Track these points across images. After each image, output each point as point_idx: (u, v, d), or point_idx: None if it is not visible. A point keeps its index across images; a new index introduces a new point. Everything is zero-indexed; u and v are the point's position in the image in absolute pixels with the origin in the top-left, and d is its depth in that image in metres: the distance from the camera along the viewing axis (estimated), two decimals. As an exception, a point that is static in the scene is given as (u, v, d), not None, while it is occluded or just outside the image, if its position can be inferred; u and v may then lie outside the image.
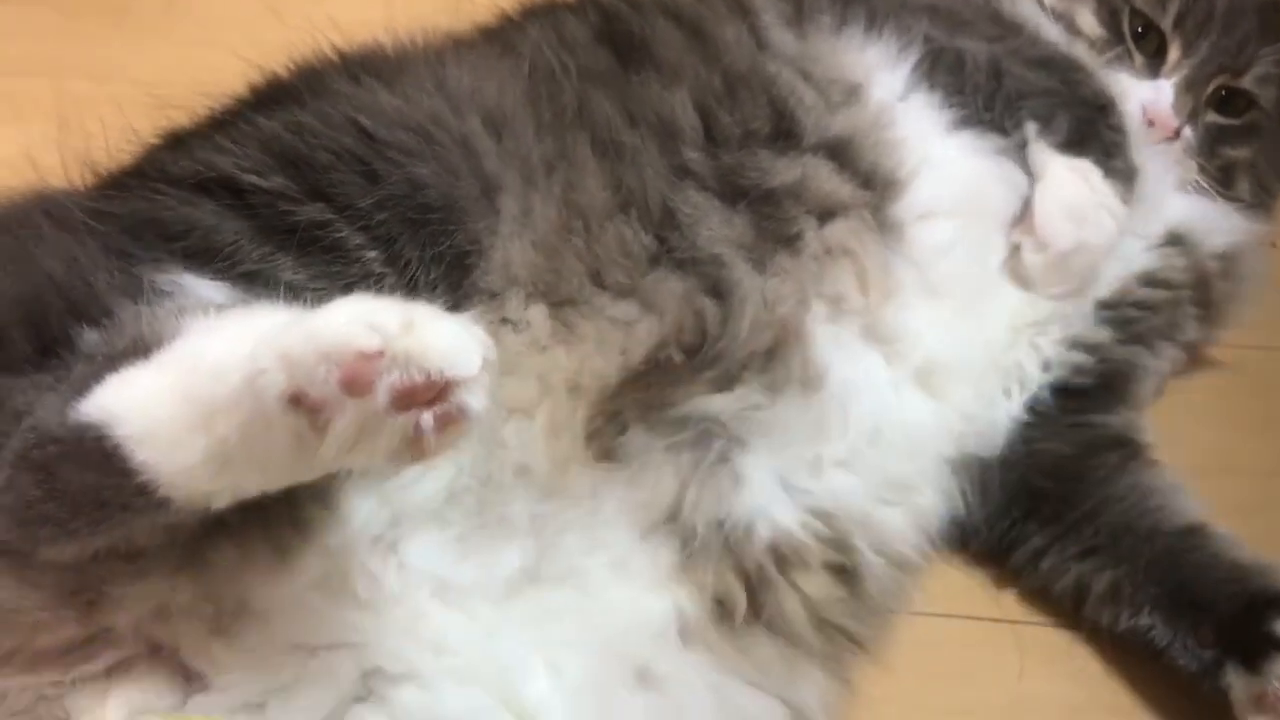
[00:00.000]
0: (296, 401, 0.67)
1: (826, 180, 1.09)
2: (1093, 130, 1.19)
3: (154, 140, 1.03)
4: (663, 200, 1.03)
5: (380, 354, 0.65)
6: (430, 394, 0.66)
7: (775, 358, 1.03)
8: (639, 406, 0.98)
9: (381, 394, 0.65)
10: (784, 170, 1.08)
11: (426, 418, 0.66)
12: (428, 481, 0.91)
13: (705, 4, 1.18)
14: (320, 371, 0.65)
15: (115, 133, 1.03)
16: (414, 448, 0.67)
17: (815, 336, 1.05)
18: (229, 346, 0.71)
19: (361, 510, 0.89)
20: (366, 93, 0.99)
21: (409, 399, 0.66)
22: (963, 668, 1.13)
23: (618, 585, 0.96)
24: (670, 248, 1.02)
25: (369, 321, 0.66)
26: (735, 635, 0.98)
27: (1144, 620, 1.09)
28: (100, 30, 1.56)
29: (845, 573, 1.03)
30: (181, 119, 1.03)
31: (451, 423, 0.67)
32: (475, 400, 0.67)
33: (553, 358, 0.97)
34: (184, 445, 0.70)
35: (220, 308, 0.81)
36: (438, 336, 0.66)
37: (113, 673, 0.82)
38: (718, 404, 1.00)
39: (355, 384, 0.65)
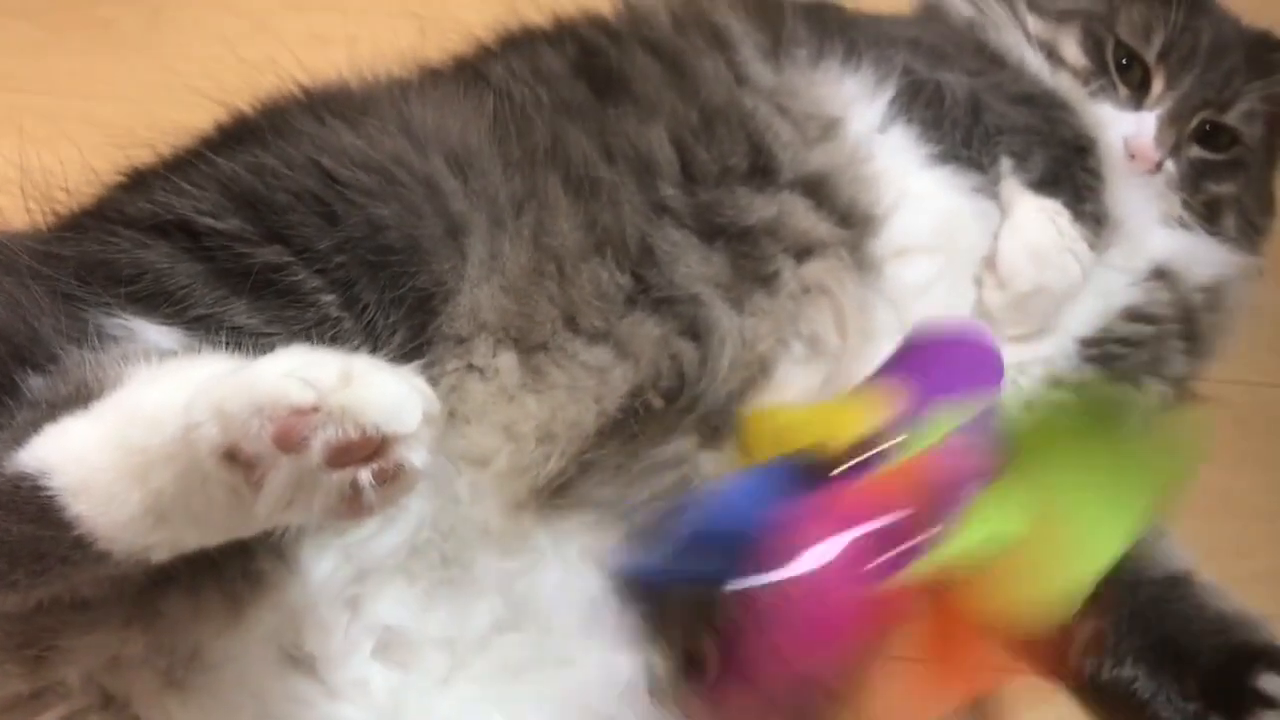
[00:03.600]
0: (231, 456, 0.65)
1: (803, 218, 1.07)
2: (1067, 171, 1.17)
3: (116, 177, 1.01)
4: (641, 237, 1.01)
5: (315, 409, 0.63)
6: (367, 450, 0.64)
7: (745, 399, 1.01)
8: (621, 455, 0.96)
9: (316, 450, 0.63)
10: (761, 207, 1.06)
11: (364, 475, 0.64)
12: (389, 534, 0.88)
13: (684, 37, 1.16)
14: (254, 426, 0.63)
15: (81, 162, 1.00)
16: (352, 505, 0.65)
17: (785, 376, 1.03)
18: (166, 396, 0.69)
19: (322, 564, 0.87)
20: (329, 132, 0.96)
21: (345, 456, 0.64)
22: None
23: (586, 641, 0.93)
24: (647, 286, 1.00)
25: (304, 375, 0.64)
26: None
27: (1127, 671, 1.07)
28: (82, 46, 1.53)
29: None
30: (155, 147, 1.01)
31: (391, 480, 0.65)
32: (416, 456, 0.65)
33: (521, 407, 0.95)
34: (119, 498, 0.69)
35: (168, 353, 0.80)
36: (375, 390, 0.64)
37: (64, 725, 0.80)
38: (697, 452, 0.99)
39: (288, 439, 0.63)
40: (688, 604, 0.95)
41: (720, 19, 1.17)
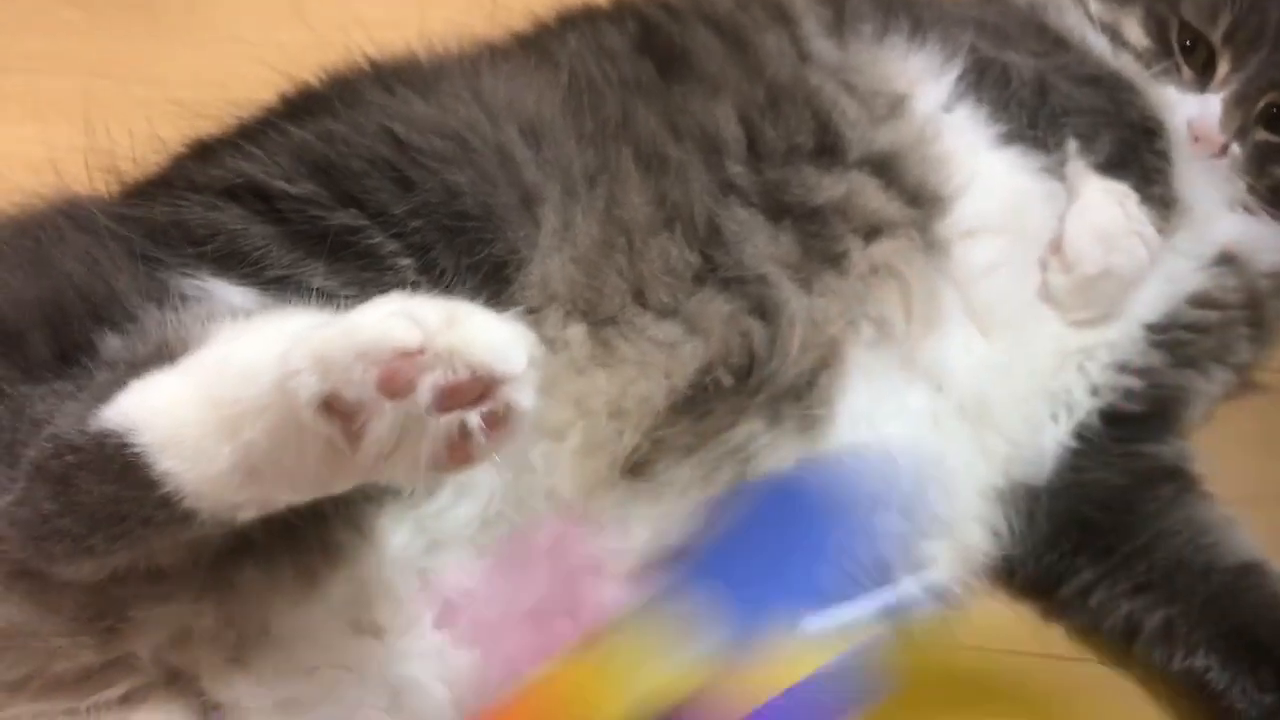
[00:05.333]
0: (329, 406, 0.62)
1: (872, 197, 1.06)
2: (1135, 154, 1.15)
3: (181, 149, 1.00)
4: (708, 216, 1.00)
5: (421, 351, 0.61)
6: (475, 392, 0.62)
7: (815, 383, 1.00)
8: (691, 434, 0.95)
9: (424, 393, 0.61)
10: (829, 187, 1.05)
11: (473, 418, 0.62)
12: (463, 506, 0.88)
13: (745, 12, 1.15)
14: (357, 371, 0.61)
15: (140, 137, 1.00)
16: (458, 453, 0.63)
17: (856, 361, 1.02)
18: (259, 348, 0.67)
19: (397, 536, 0.85)
20: (400, 102, 0.96)
21: (453, 398, 0.62)
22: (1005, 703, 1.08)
23: None
24: (715, 265, 0.99)
25: (409, 317, 0.62)
26: None
27: (1199, 661, 1.04)
28: (126, 29, 1.52)
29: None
30: (208, 124, 1.00)
31: (500, 423, 0.63)
32: (524, 397, 0.63)
33: (591, 380, 0.94)
34: (209, 453, 0.67)
35: (248, 313, 0.78)
36: (481, 331, 0.62)
37: (129, 700, 0.79)
38: (763, 436, 0.97)
39: (394, 384, 0.61)
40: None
41: None
